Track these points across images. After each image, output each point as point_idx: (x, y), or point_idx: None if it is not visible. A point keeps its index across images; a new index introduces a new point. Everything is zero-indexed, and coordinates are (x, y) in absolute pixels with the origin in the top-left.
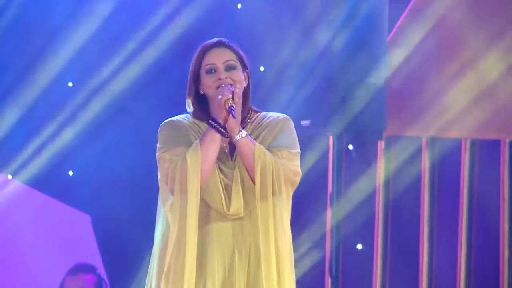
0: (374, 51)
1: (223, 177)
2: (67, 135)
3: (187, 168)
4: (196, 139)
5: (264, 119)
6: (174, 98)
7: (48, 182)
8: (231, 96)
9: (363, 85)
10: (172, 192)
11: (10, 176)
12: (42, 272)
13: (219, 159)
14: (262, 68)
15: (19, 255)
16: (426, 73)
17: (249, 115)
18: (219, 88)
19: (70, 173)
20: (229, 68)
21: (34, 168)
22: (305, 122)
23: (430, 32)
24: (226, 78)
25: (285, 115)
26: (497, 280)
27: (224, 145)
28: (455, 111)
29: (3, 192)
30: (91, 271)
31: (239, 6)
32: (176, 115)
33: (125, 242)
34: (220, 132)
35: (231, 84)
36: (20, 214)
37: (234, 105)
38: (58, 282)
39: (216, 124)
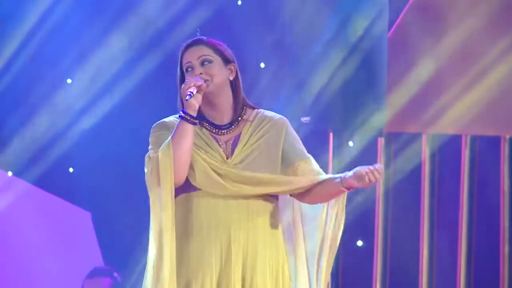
0: (374, 47)
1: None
2: (67, 132)
3: (159, 162)
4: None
5: (265, 121)
6: (173, 94)
7: (48, 179)
8: (193, 84)
9: (363, 81)
10: (149, 189)
11: (10, 173)
12: (42, 268)
13: (212, 159)
14: (262, 65)
15: (19, 252)
16: (426, 69)
17: (244, 111)
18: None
19: (71, 170)
20: (204, 62)
21: (34, 165)
22: (305, 119)
23: (430, 28)
24: (201, 73)
25: (283, 117)
26: (497, 276)
27: (221, 145)
28: (455, 108)
29: (3, 189)
30: (108, 275)
31: (239, 2)
32: (177, 114)
33: (125, 239)
34: (189, 121)
35: (205, 80)
36: (20, 211)
37: (192, 92)
38: (58, 278)
39: (185, 115)
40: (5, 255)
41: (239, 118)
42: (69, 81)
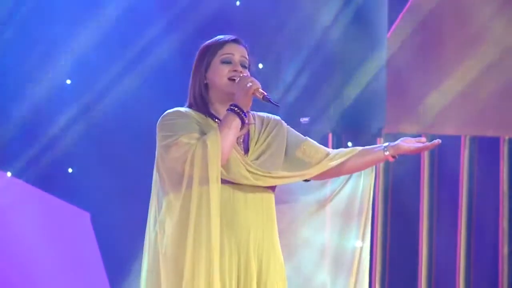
0: (373, 48)
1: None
2: (67, 132)
3: (208, 153)
4: (203, 130)
5: (264, 121)
6: (174, 94)
7: (47, 180)
8: (260, 85)
9: (363, 82)
10: (189, 178)
11: (9, 174)
12: (40, 269)
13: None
14: (260, 66)
15: (18, 252)
16: (426, 70)
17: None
18: (242, 79)
19: (70, 170)
20: (243, 65)
21: (33, 165)
22: (304, 119)
23: (430, 28)
24: (241, 72)
25: (275, 115)
26: (496, 277)
27: (237, 139)
28: (454, 108)
29: (2, 189)
30: None
31: (237, 3)
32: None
33: (124, 239)
34: (241, 118)
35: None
36: (19, 211)
37: (267, 94)
38: (57, 279)
39: (238, 110)
40: (4, 256)
41: (245, 121)
42: (68, 81)
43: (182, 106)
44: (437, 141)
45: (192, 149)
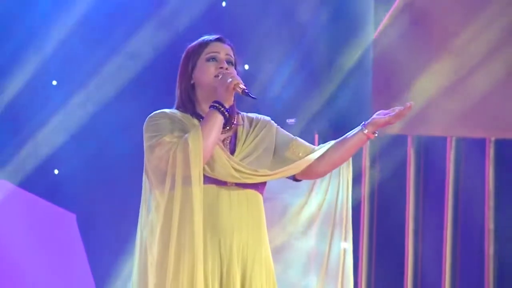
0: (359, 48)
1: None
2: (52, 134)
3: (189, 152)
4: (188, 130)
5: (253, 122)
6: (160, 95)
7: (33, 181)
8: (241, 80)
9: (349, 84)
10: (172, 177)
11: None
12: (27, 270)
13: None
14: (246, 67)
15: (3, 254)
16: (412, 71)
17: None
18: (224, 75)
19: (56, 171)
20: (228, 62)
21: (19, 166)
22: (290, 121)
23: (417, 28)
24: (227, 68)
25: (264, 116)
26: (482, 277)
27: (224, 140)
28: (440, 110)
29: None
30: None
31: (223, 4)
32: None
33: (110, 241)
34: (223, 114)
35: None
36: (5, 212)
37: (247, 88)
38: (43, 280)
39: (220, 107)
40: None
41: (232, 121)
42: (54, 83)
43: (169, 107)
44: (410, 103)
45: (173, 147)
